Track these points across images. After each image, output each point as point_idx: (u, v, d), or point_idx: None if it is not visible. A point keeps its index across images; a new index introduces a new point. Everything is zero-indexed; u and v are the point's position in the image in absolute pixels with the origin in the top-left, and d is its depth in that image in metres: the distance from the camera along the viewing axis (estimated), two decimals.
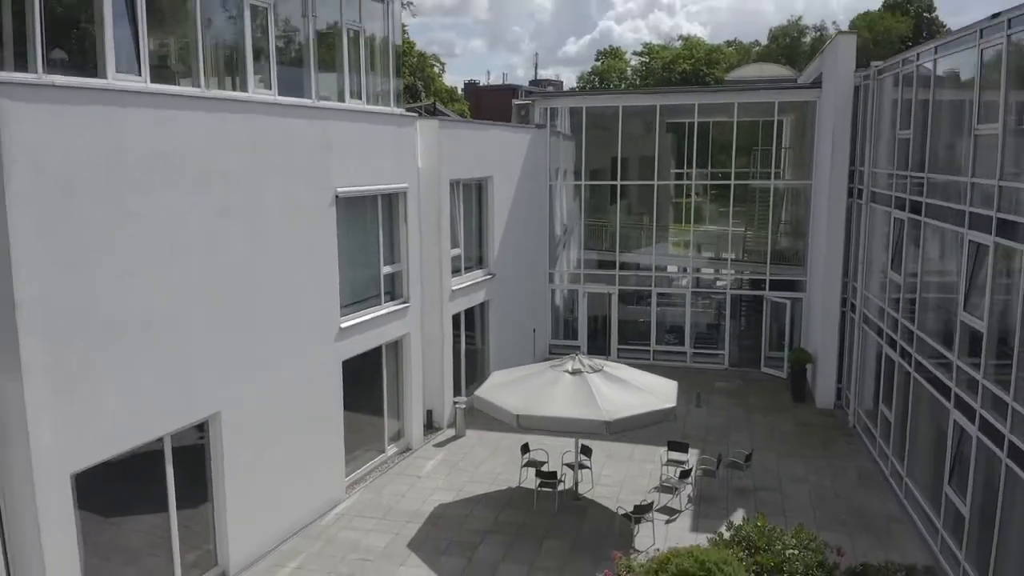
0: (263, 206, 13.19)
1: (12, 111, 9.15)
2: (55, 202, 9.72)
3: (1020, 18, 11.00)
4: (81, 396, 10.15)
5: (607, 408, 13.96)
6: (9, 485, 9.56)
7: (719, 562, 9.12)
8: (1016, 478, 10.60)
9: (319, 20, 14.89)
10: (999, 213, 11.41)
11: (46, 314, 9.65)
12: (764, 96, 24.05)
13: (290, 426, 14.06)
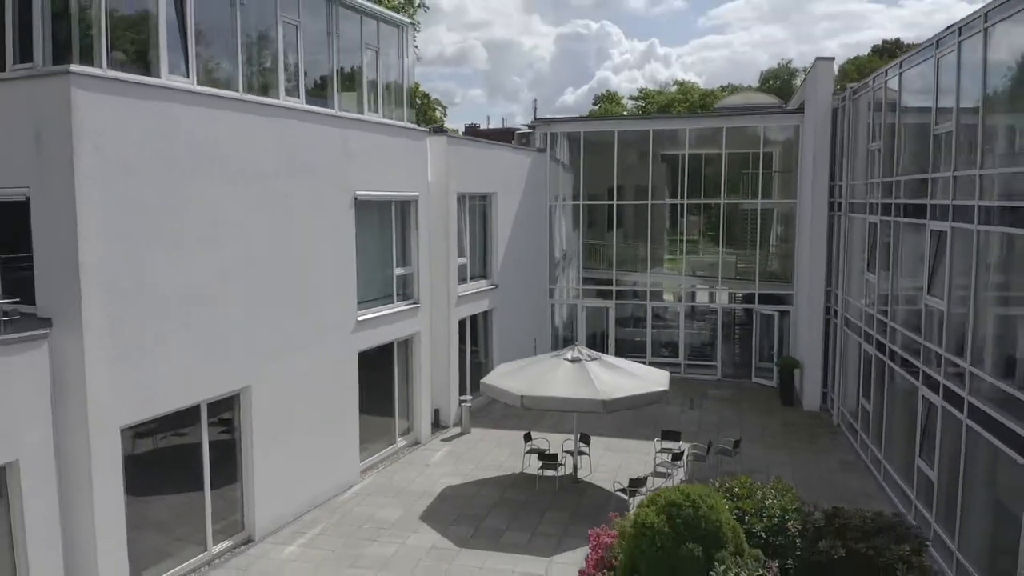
0: (290, 202, 14.51)
1: (80, 99, 10.51)
2: (115, 181, 11.03)
3: (968, 27, 12.47)
4: (132, 358, 11.33)
5: (604, 389, 15.12)
6: (66, 433, 10.66)
7: (703, 495, 10.22)
8: (975, 434, 11.75)
9: (341, 39, 16.38)
10: (955, 201, 12.75)
11: (104, 280, 10.88)
12: (751, 121, 25.63)
13: (311, 407, 15.17)
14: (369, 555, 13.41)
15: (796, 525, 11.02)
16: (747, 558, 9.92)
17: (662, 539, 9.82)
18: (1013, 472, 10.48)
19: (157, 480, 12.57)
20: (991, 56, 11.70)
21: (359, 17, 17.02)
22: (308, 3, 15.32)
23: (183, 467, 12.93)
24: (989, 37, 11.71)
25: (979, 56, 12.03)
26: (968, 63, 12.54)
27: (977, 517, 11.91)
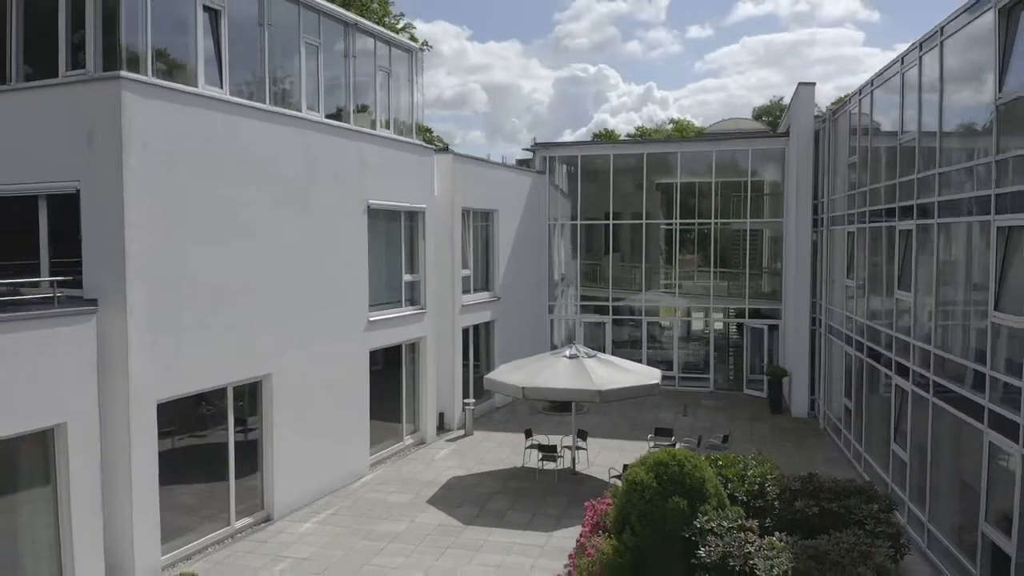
0: (310, 206, 15.73)
1: (129, 101, 11.78)
2: (157, 178, 12.25)
3: (928, 41, 13.82)
4: (168, 339, 12.44)
5: (600, 382, 16.20)
6: (109, 403, 11.71)
7: (688, 456, 11.25)
8: (941, 411, 12.82)
9: (357, 60, 17.74)
10: (918, 200, 13.99)
11: (146, 267, 12.04)
12: (739, 145, 27.04)
13: (325, 398, 16.23)
14: (381, 530, 14.37)
15: (775, 489, 12.05)
16: (728, 511, 10.94)
17: (650, 493, 10.86)
18: (972, 443, 11.52)
19: (186, 456, 13.59)
20: (947, 65, 13.03)
21: (373, 41, 18.43)
22: (328, 27, 16.72)
23: (210, 446, 13.96)
24: (944, 50, 13.05)
25: (936, 69, 13.36)
26: (928, 75, 13.86)
27: (943, 488, 12.93)
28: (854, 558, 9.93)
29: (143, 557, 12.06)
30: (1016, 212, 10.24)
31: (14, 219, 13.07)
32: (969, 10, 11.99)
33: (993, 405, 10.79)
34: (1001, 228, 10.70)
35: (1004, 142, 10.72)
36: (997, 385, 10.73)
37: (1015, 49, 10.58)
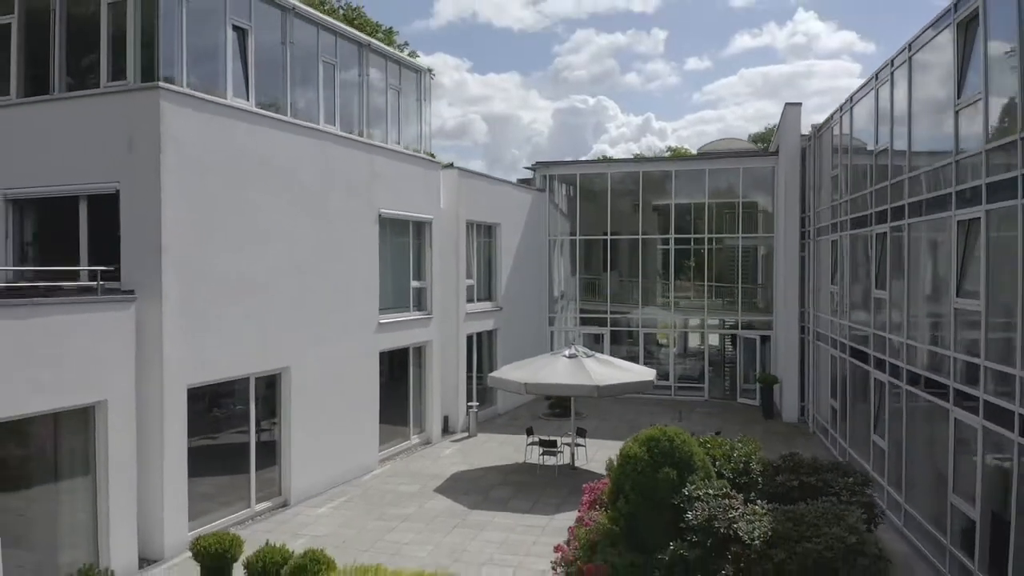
0: (326, 212, 16.83)
1: (167, 109, 12.93)
2: (191, 180, 13.36)
3: (898, 57, 15.02)
4: (199, 329, 13.46)
5: (597, 378, 17.20)
6: (144, 385, 12.68)
7: (677, 432, 12.21)
8: (914, 397, 13.82)
9: (370, 78, 18.96)
10: (891, 204, 15.10)
11: (179, 262, 13.10)
12: (731, 163, 28.24)
13: (338, 393, 17.19)
14: (392, 513, 15.29)
15: (758, 467, 13.01)
16: (714, 481, 11.88)
17: (642, 465, 11.80)
18: (941, 423, 12.50)
19: (212, 441, 14.54)
20: (914, 78, 14.21)
21: (384, 61, 19.67)
22: (343, 47, 17.95)
23: (234, 432, 14.93)
24: (912, 65, 14.24)
25: (905, 83, 14.55)
26: (898, 88, 15.05)
27: (917, 470, 13.88)
28: (828, 520, 10.84)
29: (171, 532, 12.98)
30: (974, 206, 11.33)
31: (56, 217, 14.17)
32: (932, 27, 13.20)
33: (957, 384, 11.80)
34: (961, 222, 11.80)
35: (963, 144, 11.85)
36: (959, 365, 11.75)
37: (971, 60, 11.74)
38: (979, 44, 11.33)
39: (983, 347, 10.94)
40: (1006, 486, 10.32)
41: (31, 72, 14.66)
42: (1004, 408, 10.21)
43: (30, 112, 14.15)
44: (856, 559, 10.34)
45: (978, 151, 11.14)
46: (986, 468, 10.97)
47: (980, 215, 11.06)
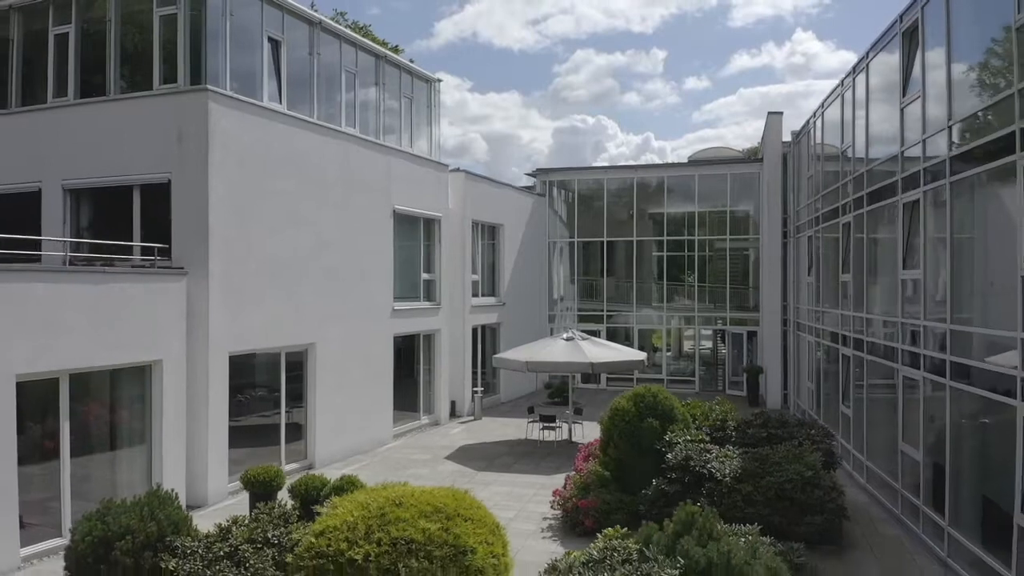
0: (348, 206, 18.63)
1: (213, 109, 14.76)
2: (233, 172, 15.16)
3: (859, 65, 16.89)
4: (239, 304, 15.21)
5: (592, 357, 18.93)
6: (193, 351, 14.43)
7: (660, 390, 13.96)
8: (872, 365, 15.54)
9: (386, 87, 20.85)
10: (853, 196, 16.90)
11: (223, 243, 14.87)
12: (719, 169, 30.10)
13: (357, 370, 18.92)
14: (408, 474, 16.93)
15: (733, 423, 14.73)
16: (692, 430, 13.61)
17: (629, 416, 13.56)
18: (892, 384, 14.22)
19: (248, 407, 16.26)
20: (871, 82, 16.08)
21: (399, 72, 21.58)
22: (363, 60, 19.84)
23: (266, 402, 16.65)
24: (869, 71, 16.12)
25: (864, 87, 16.41)
26: (859, 91, 16.92)
27: (874, 429, 15.59)
28: (790, 460, 12.58)
29: (214, 480, 14.68)
30: (914, 189, 13.12)
31: (108, 205, 15.97)
32: (884, 36, 15.06)
33: (904, 345, 13.55)
34: (905, 204, 13.59)
35: (907, 136, 13.67)
36: (906, 329, 13.51)
37: (913, 63, 13.58)
38: (919, 50, 13.17)
39: (923, 309, 12.69)
40: (941, 429, 12.03)
41: (85, 76, 16.52)
42: (939, 359, 11.95)
43: (87, 111, 15.97)
44: (813, 490, 12.07)
45: (917, 141, 12.96)
46: (926, 415, 12.68)
47: (919, 197, 12.86)
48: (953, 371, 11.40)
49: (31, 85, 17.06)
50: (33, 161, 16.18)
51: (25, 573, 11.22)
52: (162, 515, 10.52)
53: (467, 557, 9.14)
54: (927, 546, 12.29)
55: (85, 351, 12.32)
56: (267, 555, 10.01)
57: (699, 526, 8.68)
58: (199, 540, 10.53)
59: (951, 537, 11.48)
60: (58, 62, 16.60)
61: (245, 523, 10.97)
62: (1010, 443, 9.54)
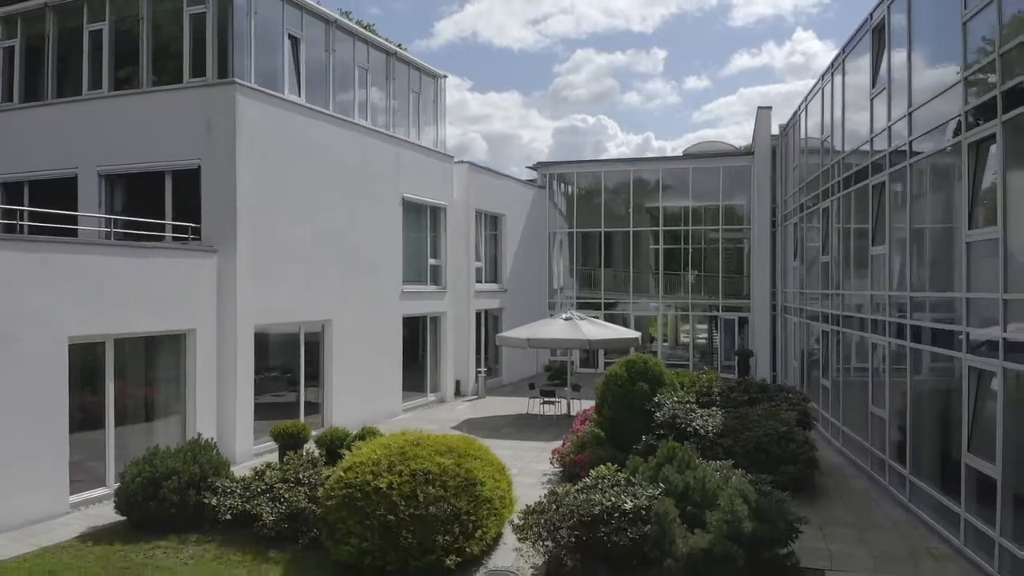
0: (361, 193, 19.91)
1: (240, 100, 16.04)
2: (257, 159, 16.43)
3: (837, 60, 18.17)
4: (262, 282, 16.46)
5: (589, 334, 20.22)
6: (222, 322, 15.71)
7: (650, 357, 15.24)
8: (847, 337, 16.83)
9: (395, 82, 22.14)
10: (832, 182, 18.19)
11: (249, 225, 16.13)
12: (713, 163, 31.39)
13: (369, 347, 20.20)
14: None
15: (717, 389, 16.02)
16: (679, 393, 14.90)
17: (622, 380, 14.84)
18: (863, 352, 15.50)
19: (269, 386, 17.54)
20: (847, 77, 17.37)
21: (408, 68, 22.87)
22: (374, 56, 21.14)
23: (283, 380, 17.94)
24: (845, 67, 17.41)
25: (840, 81, 17.70)
26: (836, 85, 18.21)
27: (849, 396, 16.88)
28: (767, 418, 13.87)
29: (241, 442, 15.96)
30: (882, 172, 14.41)
31: (140, 189, 17.24)
32: (857, 33, 16.34)
33: (872, 315, 14.84)
34: (875, 186, 14.88)
35: (875, 124, 14.96)
36: (874, 300, 14.79)
37: (882, 59, 14.86)
38: (885, 45, 14.46)
39: (887, 282, 13.98)
40: (903, 389, 13.30)
41: (117, 70, 17.82)
42: (901, 324, 13.24)
43: (121, 103, 17.26)
44: (787, 443, 13.36)
45: (883, 129, 14.24)
46: (892, 378, 13.96)
47: (884, 179, 14.15)
48: (912, 334, 12.69)
49: (65, 79, 18.35)
50: (69, 149, 17.46)
51: (74, 516, 12.46)
52: (204, 459, 11.84)
53: (477, 488, 10.47)
54: (892, 495, 13.57)
55: (128, 318, 13.62)
56: (300, 491, 11.28)
57: (679, 458, 9.97)
58: (236, 482, 11.83)
59: (912, 484, 12.77)
60: (92, 57, 17.87)
61: (278, 467, 12.28)
62: (959, 393, 10.81)
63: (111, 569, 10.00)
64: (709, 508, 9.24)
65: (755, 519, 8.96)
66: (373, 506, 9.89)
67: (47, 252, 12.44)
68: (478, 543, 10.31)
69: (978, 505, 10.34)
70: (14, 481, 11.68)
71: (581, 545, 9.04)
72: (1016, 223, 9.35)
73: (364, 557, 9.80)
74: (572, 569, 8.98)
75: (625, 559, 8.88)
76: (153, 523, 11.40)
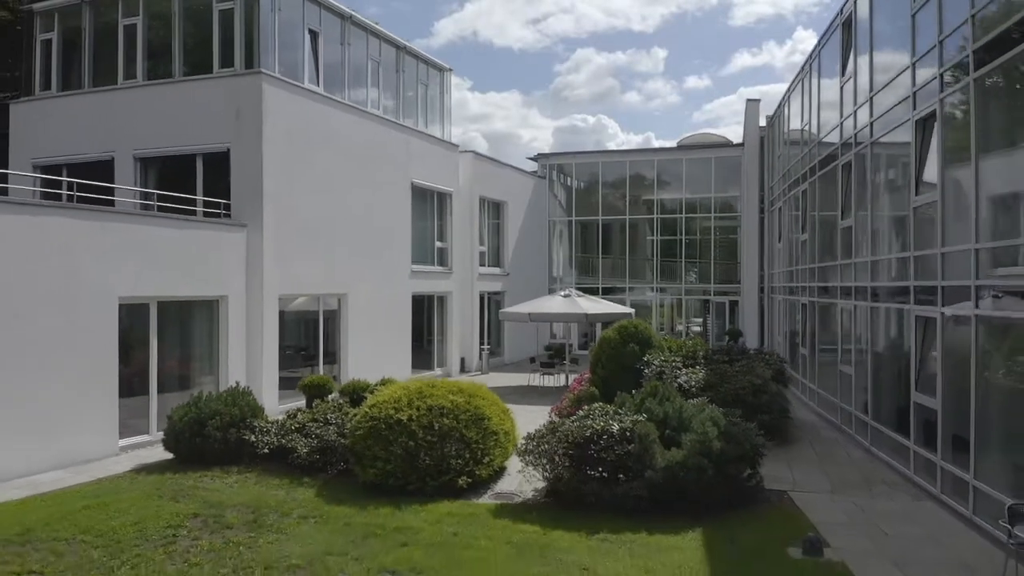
0: (373, 178, 21.44)
1: (266, 89, 17.56)
2: (281, 143, 17.95)
3: (814, 52, 19.69)
4: (286, 256, 17.98)
5: (586, 309, 21.75)
6: (251, 292, 17.23)
7: (641, 322, 16.76)
8: (822, 306, 18.34)
9: (404, 74, 23.68)
10: (808, 167, 19.72)
11: (273, 204, 17.63)
12: (705, 154, 32.93)
13: (382, 320, 21.73)
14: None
15: (702, 352, 17.54)
16: (666, 354, 16.43)
17: (614, 343, 16.37)
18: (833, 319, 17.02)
19: (289, 356, 19.08)
20: (822, 67, 18.89)
21: (416, 62, 24.41)
22: (385, 50, 22.68)
23: (303, 350, 19.46)
24: (822, 57, 18.94)
25: (817, 72, 19.23)
26: (814, 76, 19.74)
27: (822, 361, 18.41)
28: (744, 374, 15.38)
29: (268, 398, 17.41)
30: (849, 152, 15.92)
31: (172, 171, 18.77)
32: (829, 27, 17.87)
33: (839, 283, 16.36)
34: (844, 165, 16.39)
35: (844, 110, 16.49)
36: (841, 270, 16.32)
37: (850, 50, 16.38)
38: (852, 37, 15.99)
39: (853, 250, 15.51)
40: (866, 346, 14.82)
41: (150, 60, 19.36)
42: (863, 287, 14.76)
43: (154, 91, 18.78)
44: (761, 395, 14.87)
45: (850, 114, 15.77)
46: (855, 337, 15.49)
47: (851, 159, 15.67)
48: (871, 294, 14.22)
49: (100, 69, 19.87)
50: (107, 134, 18.98)
51: (124, 456, 13.96)
52: (242, 403, 13.39)
53: (485, 421, 12.04)
54: (856, 441, 15.10)
55: (169, 283, 15.14)
56: (330, 429, 12.81)
57: (660, 393, 11.49)
58: (271, 423, 13.38)
59: (872, 428, 14.29)
60: (127, 48, 19.41)
61: (308, 411, 13.81)
62: (908, 341, 12.33)
63: (165, 490, 11.52)
64: (685, 432, 10.75)
65: (723, 440, 10.47)
66: (395, 435, 11.42)
67: (104, 220, 13.98)
68: (486, 468, 11.85)
69: (924, 437, 11.86)
70: (72, 425, 13.21)
71: (575, 462, 10.54)
72: (950, 188, 10.87)
73: (388, 478, 11.32)
74: (568, 481, 10.49)
75: (612, 473, 10.38)
76: (198, 458, 12.92)
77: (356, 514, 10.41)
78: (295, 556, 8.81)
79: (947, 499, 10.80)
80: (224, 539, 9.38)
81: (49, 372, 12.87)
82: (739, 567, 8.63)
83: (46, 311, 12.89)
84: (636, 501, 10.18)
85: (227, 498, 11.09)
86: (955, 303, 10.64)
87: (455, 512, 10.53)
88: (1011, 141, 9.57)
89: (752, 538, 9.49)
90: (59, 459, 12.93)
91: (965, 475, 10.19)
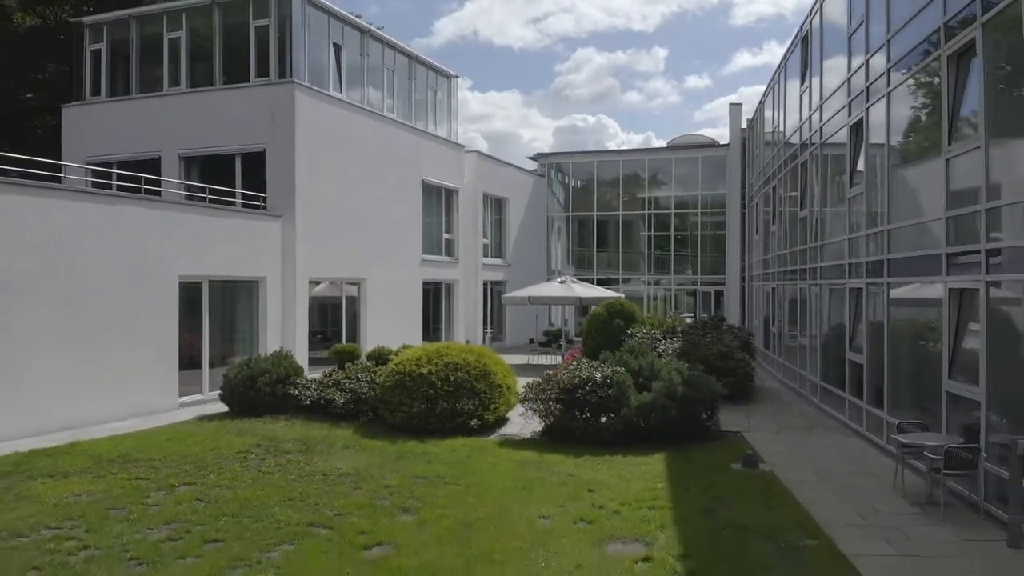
0: (387, 175, 23.89)
1: (298, 97, 20.02)
2: (310, 144, 20.40)
3: (781, 65, 22.14)
4: (314, 244, 20.41)
5: (580, 293, 24.19)
6: (285, 275, 19.68)
7: (627, 301, 19.21)
8: (786, 288, 20.79)
9: (415, 81, 26.14)
10: (779, 162, 22.16)
11: (304, 198, 20.07)
12: (693, 153, 35.40)
13: (397, 303, 24.17)
14: None
15: (680, 328, 20.00)
16: (648, 328, 18.88)
17: (602, 319, 18.83)
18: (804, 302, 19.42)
19: (314, 341, 21.52)
20: (788, 68, 21.34)
21: (426, 70, 26.88)
22: (399, 60, 25.15)
23: (327, 325, 21.92)
24: (788, 67, 21.39)
25: (784, 80, 21.68)
26: (783, 84, 22.19)
27: (788, 336, 20.86)
28: (714, 342, 17.83)
29: None
30: (806, 152, 18.35)
31: (213, 169, 21.21)
32: (792, 42, 20.31)
33: (800, 266, 18.80)
34: (803, 164, 18.83)
35: (803, 115, 18.93)
36: (803, 255, 18.76)
37: (808, 61, 18.80)
38: (808, 51, 18.42)
39: (808, 237, 17.95)
40: (817, 319, 17.24)
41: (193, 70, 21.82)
42: (815, 268, 17.19)
43: (197, 98, 21.22)
44: (728, 360, 17.32)
45: (807, 118, 18.22)
46: (812, 312, 17.92)
47: (807, 158, 18.12)
48: (821, 274, 16.67)
49: (147, 77, 22.33)
50: (154, 135, 21.43)
51: (183, 410, 16.37)
52: (286, 363, 15.83)
53: (492, 376, 14.48)
54: (810, 400, 17.55)
55: (218, 264, 17.59)
56: (362, 384, 15.27)
57: (636, 351, 13.94)
58: (310, 380, 15.83)
59: (822, 388, 16.73)
60: (171, 59, 21.87)
61: (341, 371, 16.26)
62: (846, 308, 14.76)
63: (230, 429, 13.98)
64: (655, 380, 13.21)
65: (686, 387, 12.93)
66: (418, 385, 13.87)
67: (165, 210, 16.45)
68: (492, 414, 14.30)
69: (855, 389, 14.30)
70: (141, 381, 15.67)
71: (565, 404, 13.00)
72: (871, 182, 13.33)
73: (412, 420, 13.77)
74: (559, 418, 12.95)
75: (595, 413, 12.83)
76: (250, 410, 15.38)
77: (388, 445, 12.87)
78: (344, 468, 11.27)
79: (870, 435, 13.24)
80: (286, 459, 11.84)
81: (125, 337, 15.32)
82: (692, 473, 11.08)
83: (123, 286, 15.35)
84: (615, 435, 12.63)
85: (281, 434, 13.57)
86: (866, 277, 13.09)
87: (468, 444, 12.99)
88: (919, 145, 12.03)
89: (705, 458, 11.96)
90: (131, 410, 15.38)
91: (881, 412, 12.63)
